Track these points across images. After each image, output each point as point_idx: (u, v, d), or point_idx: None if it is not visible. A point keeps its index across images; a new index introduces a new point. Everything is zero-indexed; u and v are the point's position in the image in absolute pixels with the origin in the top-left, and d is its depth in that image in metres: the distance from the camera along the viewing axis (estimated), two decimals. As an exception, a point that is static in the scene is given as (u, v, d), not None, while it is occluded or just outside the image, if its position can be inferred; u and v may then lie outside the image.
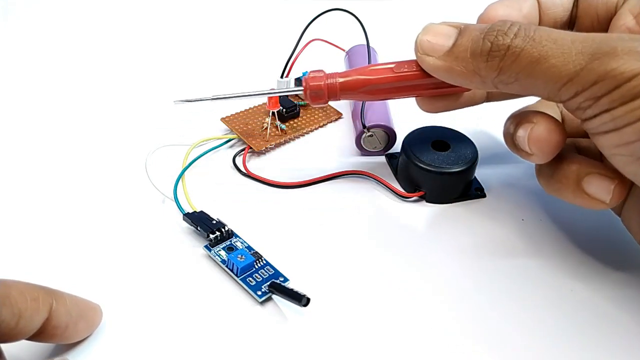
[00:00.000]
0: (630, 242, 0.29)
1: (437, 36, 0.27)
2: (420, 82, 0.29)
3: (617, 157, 0.24)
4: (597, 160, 0.27)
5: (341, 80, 0.30)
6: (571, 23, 0.30)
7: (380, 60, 0.44)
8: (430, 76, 0.28)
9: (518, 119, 0.28)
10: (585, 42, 0.23)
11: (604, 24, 0.29)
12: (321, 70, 0.31)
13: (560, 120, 0.29)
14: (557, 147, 0.27)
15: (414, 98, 0.31)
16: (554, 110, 0.31)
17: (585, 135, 0.28)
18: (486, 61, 0.25)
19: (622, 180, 0.25)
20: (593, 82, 0.22)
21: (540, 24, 0.30)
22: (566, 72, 0.23)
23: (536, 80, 0.24)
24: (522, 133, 0.27)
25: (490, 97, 0.33)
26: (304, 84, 0.31)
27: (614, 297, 0.28)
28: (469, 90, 0.30)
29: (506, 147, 0.30)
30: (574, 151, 0.28)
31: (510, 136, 0.29)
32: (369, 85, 0.30)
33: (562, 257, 0.31)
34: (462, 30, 0.26)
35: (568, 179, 0.27)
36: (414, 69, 0.29)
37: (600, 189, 0.26)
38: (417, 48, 0.28)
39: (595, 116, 0.23)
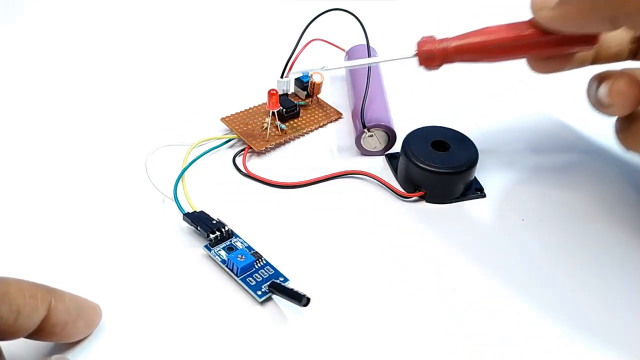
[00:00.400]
0: (629, 242, 0.29)
1: None
2: (537, 41, 0.29)
3: None
4: None
5: (455, 44, 0.30)
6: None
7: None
8: (547, 34, 0.28)
9: (601, 77, 0.29)
10: None
11: None
12: (432, 35, 0.31)
13: None
14: (636, 99, 0.27)
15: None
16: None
17: None
18: None
19: None
20: None
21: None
22: None
23: None
24: (604, 87, 0.28)
25: (596, 59, 0.33)
26: (417, 48, 0.30)
27: (612, 297, 0.28)
28: (585, 44, 0.30)
29: (506, 147, 0.30)
30: None
31: (593, 92, 0.29)
32: (484, 48, 0.29)
33: (562, 257, 0.31)
34: None
35: None
36: (531, 28, 0.29)
37: None
38: (532, 6, 0.28)
39: None
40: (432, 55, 0.30)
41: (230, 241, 0.30)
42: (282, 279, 0.28)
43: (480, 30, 0.30)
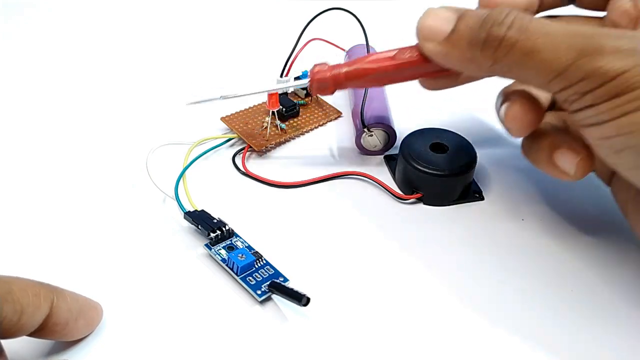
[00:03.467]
0: (631, 242, 0.30)
1: (436, 21, 0.27)
2: (421, 67, 0.30)
3: (599, 147, 0.25)
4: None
5: (345, 70, 0.31)
6: None
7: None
8: (430, 61, 0.29)
9: (504, 93, 0.30)
10: (576, 37, 0.23)
11: (601, 1, 0.30)
12: (325, 63, 0.32)
13: (543, 99, 0.30)
14: (530, 125, 0.28)
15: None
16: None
17: None
18: (481, 50, 0.26)
19: (587, 156, 0.27)
20: (580, 78, 0.23)
21: (540, 2, 0.31)
22: (556, 66, 0.24)
23: (528, 71, 0.25)
24: (502, 110, 0.29)
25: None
26: (309, 76, 0.32)
27: (613, 296, 0.29)
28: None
29: (506, 148, 0.30)
30: (553, 125, 0.30)
31: (497, 109, 0.30)
32: (372, 74, 0.31)
33: (563, 257, 0.31)
34: (460, 16, 0.27)
35: (542, 151, 0.29)
36: (415, 55, 0.30)
37: (567, 162, 0.27)
38: (418, 33, 0.28)
39: (580, 109, 0.24)
40: (325, 84, 0.32)
41: (231, 240, 0.31)
42: (282, 279, 0.29)
43: (369, 57, 0.31)
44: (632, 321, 0.27)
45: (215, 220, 0.31)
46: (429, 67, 0.29)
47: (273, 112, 0.39)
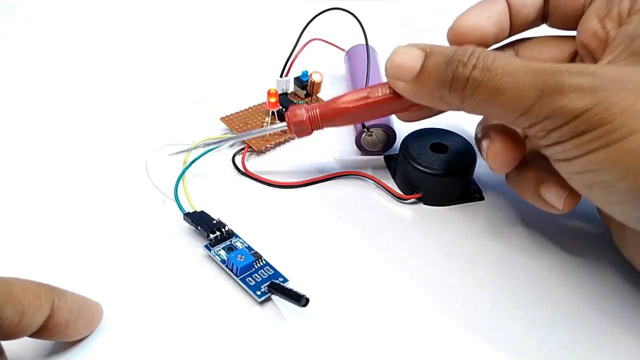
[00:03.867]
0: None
1: (405, 59, 0.28)
2: (394, 104, 0.30)
3: (572, 181, 0.25)
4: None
5: (319, 111, 0.32)
6: (544, 19, 0.31)
7: (380, 62, 0.44)
8: (402, 97, 0.29)
9: (482, 131, 0.30)
10: (537, 75, 0.24)
11: (573, 22, 0.30)
12: (301, 105, 0.33)
13: (521, 132, 0.30)
14: (512, 162, 0.29)
15: None
16: None
17: None
18: (449, 91, 0.26)
19: (574, 191, 0.27)
20: (544, 116, 0.24)
21: (511, 25, 0.31)
22: (520, 105, 0.24)
23: (495, 109, 0.25)
24: (484, 146, 0.29)
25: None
26: (286, 119, 0.33)
27: (612, 298, 0.29)
28: None
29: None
30: (537, 157, 0.29)
31: (477, 142, 0.31)
32: (347, 114, 0.31)
33: (563, 257, 0.31)
34: (427, 54, 0.27)
35: (528, 185, 0.29)
36: (388, 92, 0.30)
37: (554, 197, 0.28)
38: (387, 72, 0.29)
39: (548, 146, 0.25)
40: (303, 127, 0.32)
41: (230, 241, 0.31)
42: (281, 279, 0.29)
43: (343, 97, 0.31)
44: (632, 318, 0.27)
45: (214, 221, 0.31)
46: (401, 103, 0.30)
47: (273, 112, 0.39)
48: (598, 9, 0.28)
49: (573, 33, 0.30)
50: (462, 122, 0.38)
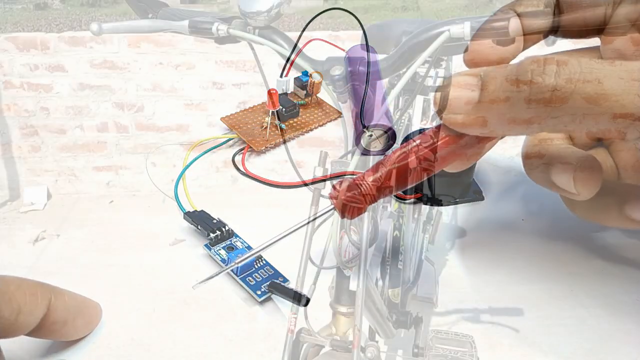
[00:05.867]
0: (630, 239, 0.30)
1: (460, 90, 0.23)
2: (451, 147, 0.24)
3: None
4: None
5: (372, 181, 0.23)
6: (552, 31, 0.29)
7: (380, 61, 0.44)
8: (461, 136, 0.24)
9: (547, 158, 0.26)
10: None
11: (589, 33, 0.28)
12: (345, 180, 0.24)
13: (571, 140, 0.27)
14: (600, 182, 0.25)
15: None
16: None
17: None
18: (527, 107, 0.22)
19: None
20: None
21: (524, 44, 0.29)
22: (633, 108, 0.20)
23: (592, 120, 0.21)
24: (564, 176, 0.25)
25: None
26: (334, 202, 0.24)
27: (614, 296, 0.28)
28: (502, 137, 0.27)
29: (505, 150, 0.30)
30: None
31: (540, 174, 0.26)
32: (405, 173, 0.24)
33: (562, 257, 0.31)
34: (483, 77, 0.23)
35: (610, 208, 0.26)
36: (444, 134, 0.24)
37: None
38: (441, 109, 0.23)
39: None
40: (357, 200, 0.23)
41: (230, 241, 0.31)
42: (281, 279, 0.29)
43: (388, 158, 0.24)
44: (632, 318, 0.27)
45: (214, 221, 0.31)
46: (459, 145, 0.24)
47: (273, 112, 0.39)
48: (628, 12, 0.26)
49: (580, 44, 0.29)
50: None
